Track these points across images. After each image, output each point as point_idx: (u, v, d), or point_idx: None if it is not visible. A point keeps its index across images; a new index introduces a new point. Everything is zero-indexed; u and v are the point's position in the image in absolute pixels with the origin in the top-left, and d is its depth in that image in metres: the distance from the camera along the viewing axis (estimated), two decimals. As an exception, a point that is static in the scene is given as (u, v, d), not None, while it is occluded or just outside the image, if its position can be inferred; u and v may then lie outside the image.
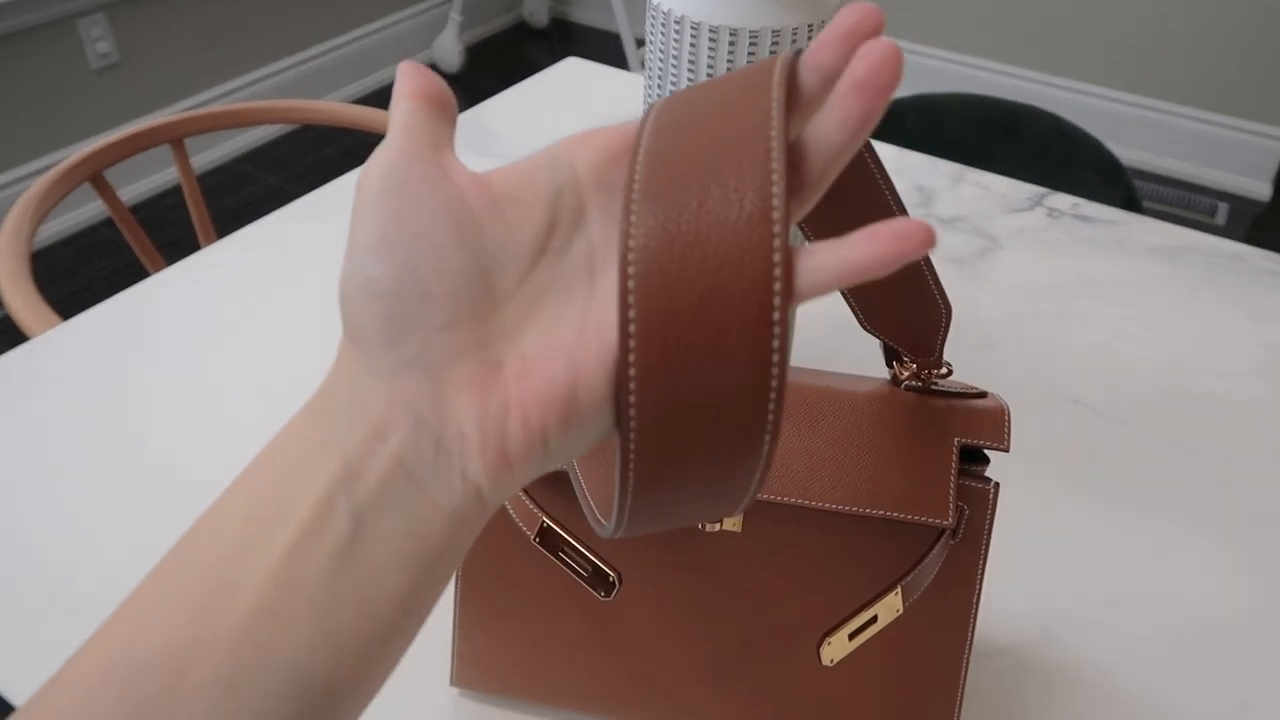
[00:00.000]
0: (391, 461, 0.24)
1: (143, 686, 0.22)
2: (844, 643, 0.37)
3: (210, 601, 0.23)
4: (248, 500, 0.24)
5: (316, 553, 0.23)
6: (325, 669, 0.23)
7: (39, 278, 2.10)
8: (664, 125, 0.25)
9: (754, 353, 0.22)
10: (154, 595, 0.23)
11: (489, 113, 1.07)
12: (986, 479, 0.41)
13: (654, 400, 0.23)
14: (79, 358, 0.74)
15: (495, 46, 3.15)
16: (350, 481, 0.23)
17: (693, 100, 0.25)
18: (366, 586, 0.23)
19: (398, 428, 0.24)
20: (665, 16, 0.58)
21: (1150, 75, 2.50)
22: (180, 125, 1.10)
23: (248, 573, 0.23)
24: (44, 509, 0.62)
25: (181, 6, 2.38)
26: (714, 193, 0.23)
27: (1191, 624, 0.58)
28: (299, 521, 0.23)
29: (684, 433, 0.23)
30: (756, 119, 0.24)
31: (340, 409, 0.24)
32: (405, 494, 0.24)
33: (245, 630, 0.22)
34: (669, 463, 0.24)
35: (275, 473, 0.24)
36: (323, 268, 0.84)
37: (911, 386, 0.42)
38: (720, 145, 0.24)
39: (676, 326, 0.22)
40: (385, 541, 0.23)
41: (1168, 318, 0.82)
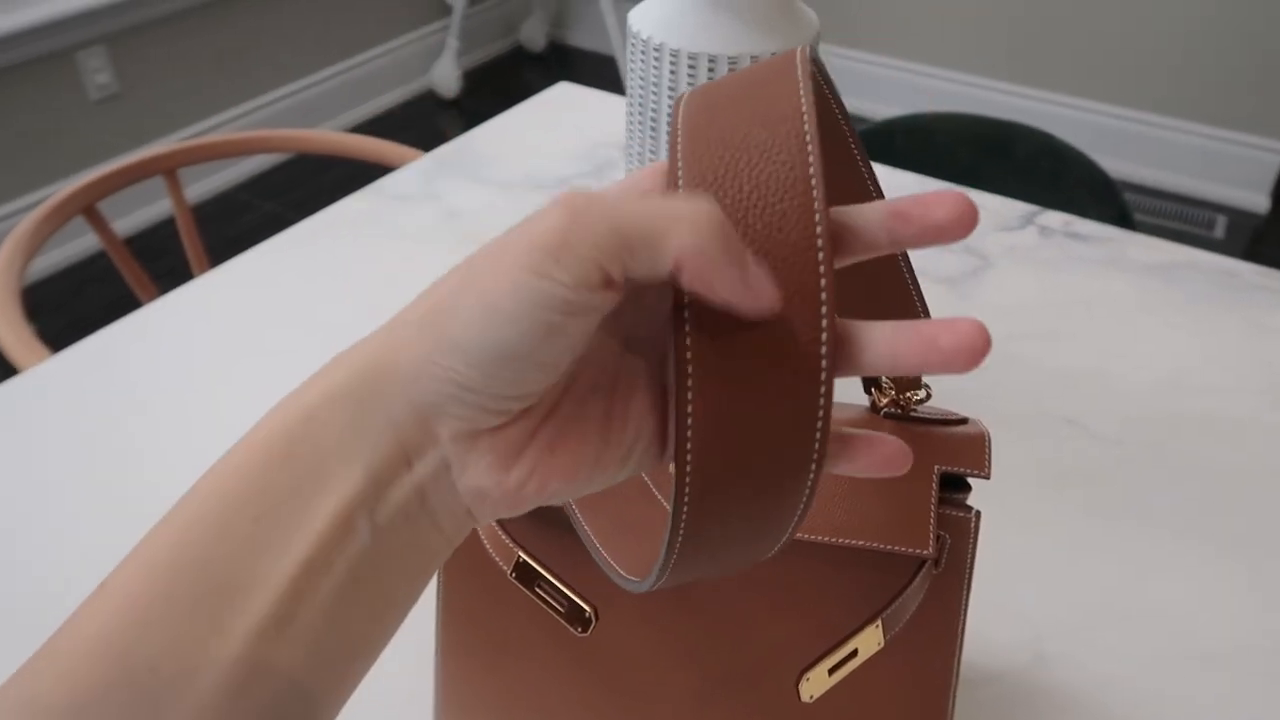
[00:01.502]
0: (413, 489, 0.24)
1: (154, 686, 0.22)
2: (823, 678, 0.36)
3: (221, 603, 0.22)
4: (255, 496, 0.23)
5: (335, 566, 0.23)
6: (317, 684, 0.23)
7: (37, 310, 2.11)
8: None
9: (801, 418, 0.23)
10: (156, 588, 0.23)
11: (480, 138, 1.07)
12: (968, 507, 0.40)
13: (709, 469, 0.23)
14: (66, 392, 0.74)
15: (493, 71, 3.17)
16: (374, 499, 0.23)
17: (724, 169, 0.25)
18: (377, 599, 0.24)
19: (424, 461, 0.24)
20: (645, 44, 0.58)
21: (1146, 89, 2.51)
22: (172, 157, 1.10)
23: (260, 578, 0.23)
24: (32, 545, 0.62)
25: (181, 35, 2.40)
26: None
27: (1189, 648, 0.57)
28: (318, 533, 0.23)
29: (734, 491, 0.24)
30: (798, 191, 0.24)
31: (367, 420, 0.24)
32: (419, 518, 0.24)
33: (257, 637, 0.22)
34: (718, 517, 0.24)
35: (288, 473, 0.23)
36: (314, 298, 0.84)
37: (890, 413, 0.41)
38: (765, 218, 0.24)
39: (733, 404, 0.23)
40: (396, 559, 0.24)
41: (1162, 336, 0.81)
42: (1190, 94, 2.46)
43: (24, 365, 0.82)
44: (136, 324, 0.81)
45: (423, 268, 0.88)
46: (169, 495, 0.70)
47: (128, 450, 0.69)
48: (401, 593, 0.25)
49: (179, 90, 2.44)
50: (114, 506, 0.65)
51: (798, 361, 0.23)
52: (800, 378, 0.23)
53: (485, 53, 3.21)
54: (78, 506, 0.65)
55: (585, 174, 1.01)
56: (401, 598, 0.25)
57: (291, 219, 2.43)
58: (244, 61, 2.56)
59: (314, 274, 0.87)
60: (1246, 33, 2.34)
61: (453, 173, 1.01)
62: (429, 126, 2.87)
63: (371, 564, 0.24)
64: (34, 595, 0.59)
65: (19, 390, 0.74)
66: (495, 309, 0.22)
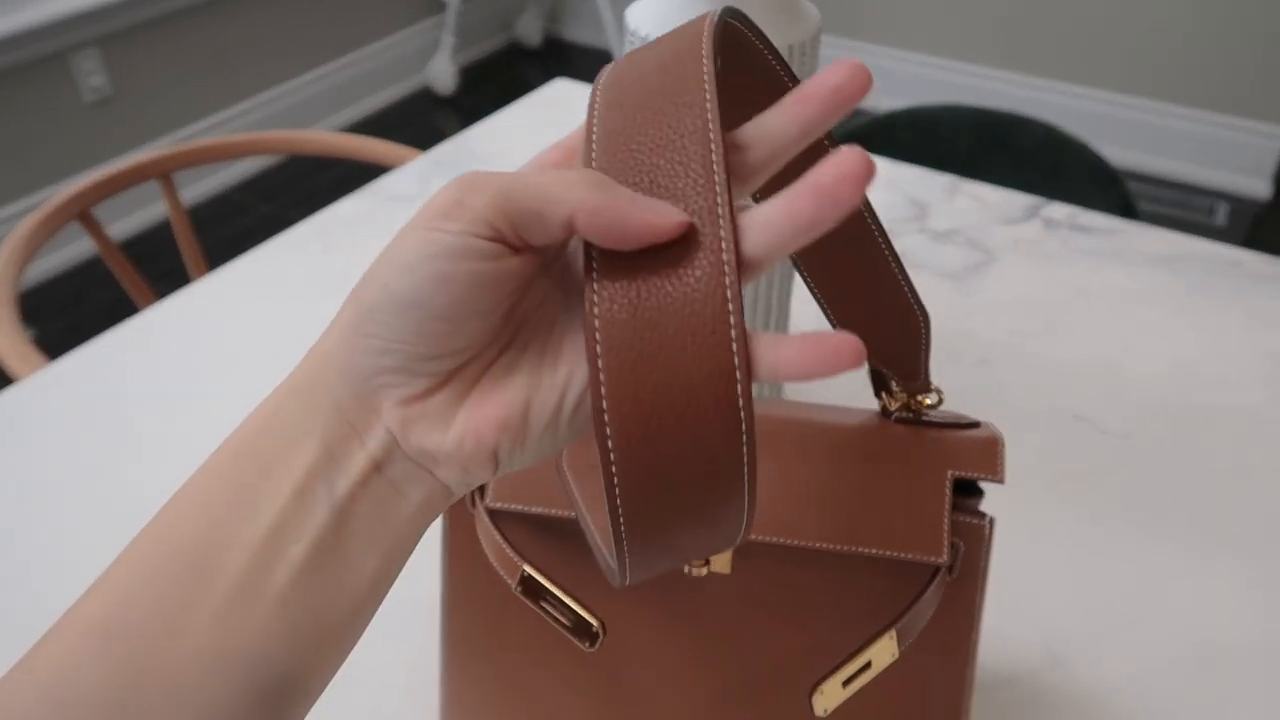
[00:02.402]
0: (367, 460, 0.26)
1: (131, 648, 0.24)
2: (838, 690, 0.36)
3: (197, 571, 0.24)
4: (227, 484, 0.26)
5: (300, 531, 0.25)
6: (292, 658, 0.25)
7: (35, 315, 2.10)
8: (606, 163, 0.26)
9: (723, 424, 0.24)
10: (138, 566, 0.25)
11: (477, 137, 1.06)
12: (981, 513, 0.39)
13: (632, 470, 0.24)
14: (63, 402, 0.73)
15: (489, 67, 3.15)
16: (330, 469, 0.26)
17: (628, 129, 0.26)
18: (343, 568, 0.25)
19: (373, 435, 0.26)
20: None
21: (1146, 76, 2.49)
22: (167, 161, 1.09)
23: (230, 548, 0.24)
24: (31, 555, 0.61)
25: (174, 36, 2.38)
26: (669, 257, 0.24)
27: (1205, 646, 0.56)
28: (280, 503, 0.25)
29: (666, 492, 0.24)
30: (696, 158, 0.25)
31: (316, 405, 0.26)
32: (380, 489, 0.26)
33: (230, 603, 0.24)
34: (654, 519, 0.25)
35: (253, 459, 0.26)
36: (312, 301, 0.83)
37: (902, 418, 0.41)
38: (667, 187, 0.25)
39: (646, 404, 0.24)
40: (361, 527, 0.26)
41: (1168, 327, 0.80)
42: (1190, 80, 2.45)
43: (20, 374, 0.81)
44: (133, 331, 0.80)
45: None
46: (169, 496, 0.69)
47: (126, 459, 0.68)
48: (370, 564, 0.26)
49: (173, 92, 2.42)
50: (112, 516, 0.64)
51: (703, 298, 0.24)
52: (708, 308, 0.24)
53: (481, 49, 3.20)
54: (76, 517, 0.64)
55: (584, 172, 1.00)
56: (371, 570, 0.26)
57: (289, 219, 2.42)
58: (238, 62, 2.55)
59: (312, 277, 0.86)
60: (1246, 18, 2.32)
61: (450, 172, 1.00)
62: (425, 124, 2.86)
63: (334, 532, 0.25)
64: (32, 610, 0.58)
65: (15, 400, 0.73)
66: (393, 263, 0.25)
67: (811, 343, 0.24)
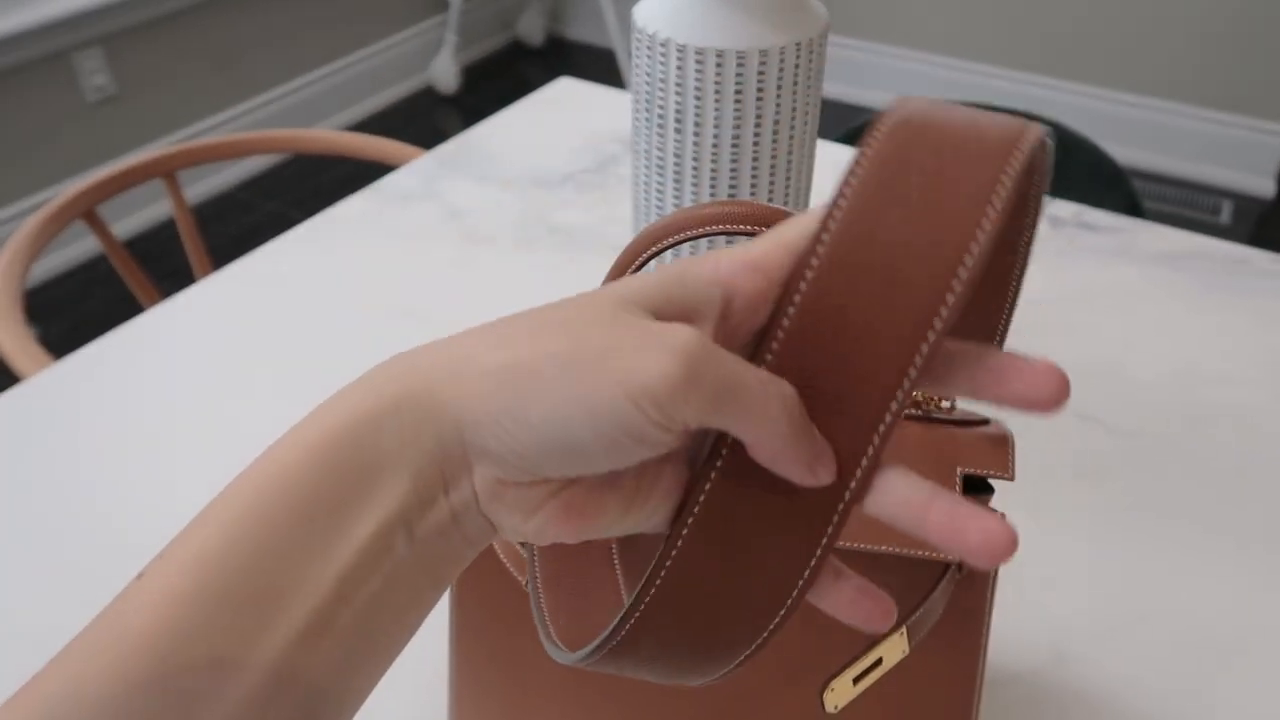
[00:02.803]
0: (448, 512, 0.25)
1: (194, 686, 0.22)
2: (848, 688, 0.36)
3: (266, 606, 0.23)
4: (305, 499, 0.23)
5: (374, 573, 0.24)
6: (341, 683, 0.24)
7: (41, 314, 2.10)
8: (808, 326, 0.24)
9: (757, 622, 0.25)
10: (203, 587, 0.23)
11: (481, 136, 1.06)
12: (992, 510, 0.39)
13: (660, 614, 0.25)
14: (69, 401, 0.73)
15: (491, 66, 3.15)
16: (415, 515, 0.24)
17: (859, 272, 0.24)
18: (406, 604, 0.25)
19: (458, 489, 0.25)
20: (650, 39, 0.57)
21: (1150, 74, 2.49)
22: (171, 159, 1.09)
23: (304, 584, 0.23)
24: (35, 554, 0.61)
25: (178, 35, 2.38)
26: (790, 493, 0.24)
27: (1212, 643, 0.56)
28: (361, 541, 0.24)
29: (685, 624, 0.25)
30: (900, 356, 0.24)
31: (420, 438, 0.24)
32: (453, 533, 0.25)
33: (300, 638, 0.23)
34: (661, 637, 0.25)
35: (337, 479, 0.24)
36: (317, 300, 0.83)
37: (911, 415, 0.40)
38: (835, 398, 0.24)
39: (719, 555, 0.25)
40: (428, 567, 0.25)
41: (1175, 326, 0.80)
42: (1195, 78, 2.44)
43: (26, 373, 0.81)
44: (138, 330, 0.80)
45: (426, 267, 0.87)
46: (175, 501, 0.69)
47: (131, 458, 0.68)
48: (428, 596, 0.26)
49: (177, 91, 2.43)
50: (118, 515, 0.64)
51: (802, 532, 0.24)
52: (798, 542, 0.24)
53: (483, 48, 3.20)
54: (80, 516, 0.64)
55: (588, 170, 1.00)
56: (427, 600, 0.26)
57: (294, 218, 2.42)
58: (242, 61, 2.55)
59: (317, 275, 0.86)
60: (1252, 16, 2.32)
61: (454, 171, 1.00)
62: (428, 123, 2.86)
63: (405, 573, 0.25)
64: (35, 609, 0.58)
65: (21, 398, 0.73)
66: (583, 409, 0.23)
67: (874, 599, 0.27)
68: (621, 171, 1.00)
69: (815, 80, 0.59)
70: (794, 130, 0.59)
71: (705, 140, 0.58)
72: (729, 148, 0.58)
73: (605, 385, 0.23)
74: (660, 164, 0.61)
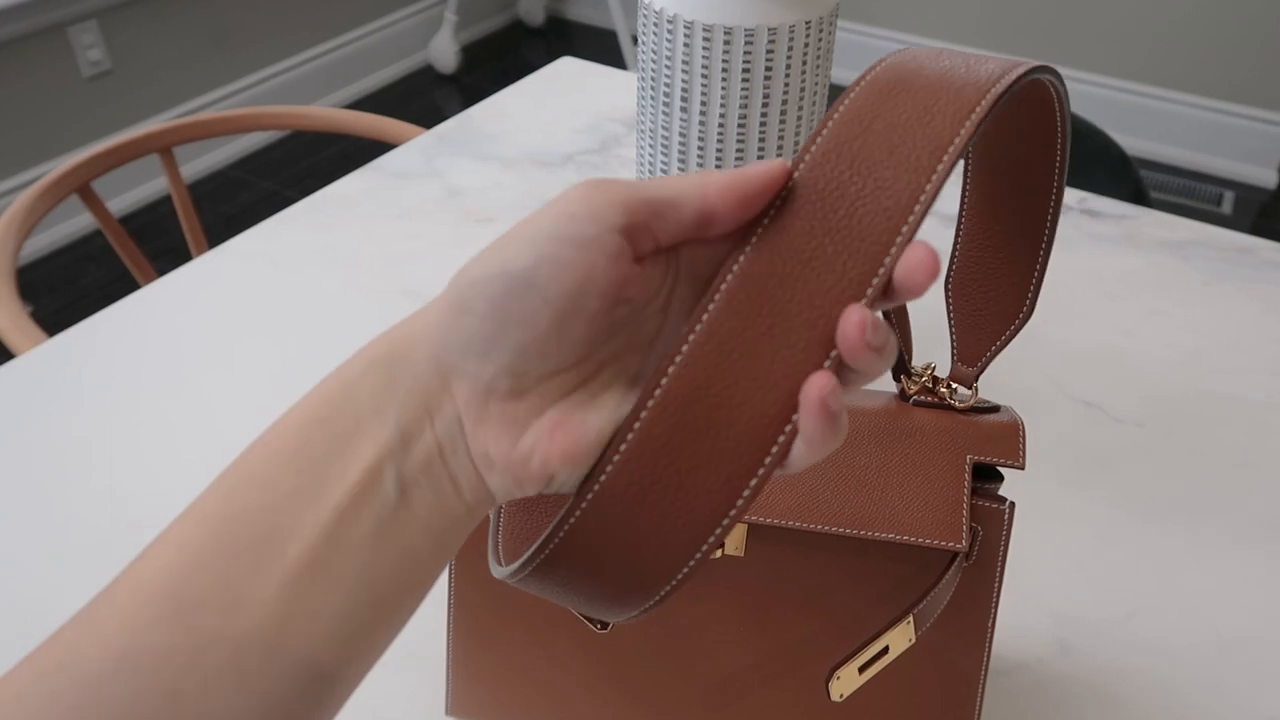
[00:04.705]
0: (434, 444, 0.26)
1: (202, 623, 0.23)
2: (854, 676, 0.35)
3: (262, 548, 0.24)
4: (297, 454, 0.25)
5: (365, 514, 0.25)
6: (342, 646, 0.25)
7: (35, 289, 2.09)
8: (758, 265, 0.25)
9: (669, 565, 0.25)
10: (204, 532, 0.25)
11: (481, 115, 1.05)
12: (1001, 498, 0.39)
13: (606, 503, 0.25)
14: (63, 377, 0.72)
15: (491, 46, 3.13)
16: (400, 452, 0.25)
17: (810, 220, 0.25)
18: (403, 552, 0.25)
19: (443, 417, 0.26)
20: (657, 16, 0.56)
21: (1153, 63, 2.48)
22: (167, 135, 1.08)
23: (298, 525, 0.24)
24: (33, 531, 0.61)
25: (174, 10, 2.36)
26: (739, 399, 0.24)
27: (1215, 634, 0.56)
28: (351, 483, 0.25)
29: (606, 546, 0.25)
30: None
31: (396, 380, 0.26)
32: (440, 476, 0.26)
33: (294, 581, 0.24)
34: (585, 556, 0.26)
35: (326, 432, 0.26)
36: (315, 278, 0.82)
37: (921, 401, 0.40)
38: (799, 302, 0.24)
39: (659, 469, 0.24)
40: (421, 513, 0.26)
41: (1180, 315, 0.80)
42: (1197, 68, 2.43)
43: (20, 349, 0.80)
44: (133, 307, 0.79)
45: (425, 246, 0.86)
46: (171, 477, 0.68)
47: (125, 435, 0.67)
48: (425, 552, 0.26)
49: (173, 66, 2.40)
50: (112, 492, 0.63)
51: (736, 463, 0.24)
52: (731, 471, 0.24)
53: (483, 27, 3.17)
54: (75, 492, 0.63)
55: (590, 150, 0.99)
56: (425, 558, 0.26)
57: (290, 197, 2.40)
58: (240, 37, 2.52)
59: (315, 253, 0.85)
60: (1254, 5, 2.30)
61: (454, 150, 0.99)
62: (427, 102, 2.84)
63: (397, 518, 0.25)
64: (31, 586, 0.58)
65: (14, 374, 0.72)
66: (515, 238, 0.25)
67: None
68: (623, 153, 0.99)
69: (825, 60, 0.58)
70: (802, 111, 0.58)
71: (712, 120, 0.57)
72: (735, 127, 0.57)
73: (538, 216, 0.25)
74: (665, 144, 0.60)
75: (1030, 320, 0.77)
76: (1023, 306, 0.38)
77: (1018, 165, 0.35)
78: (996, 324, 0.39)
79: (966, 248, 0.38)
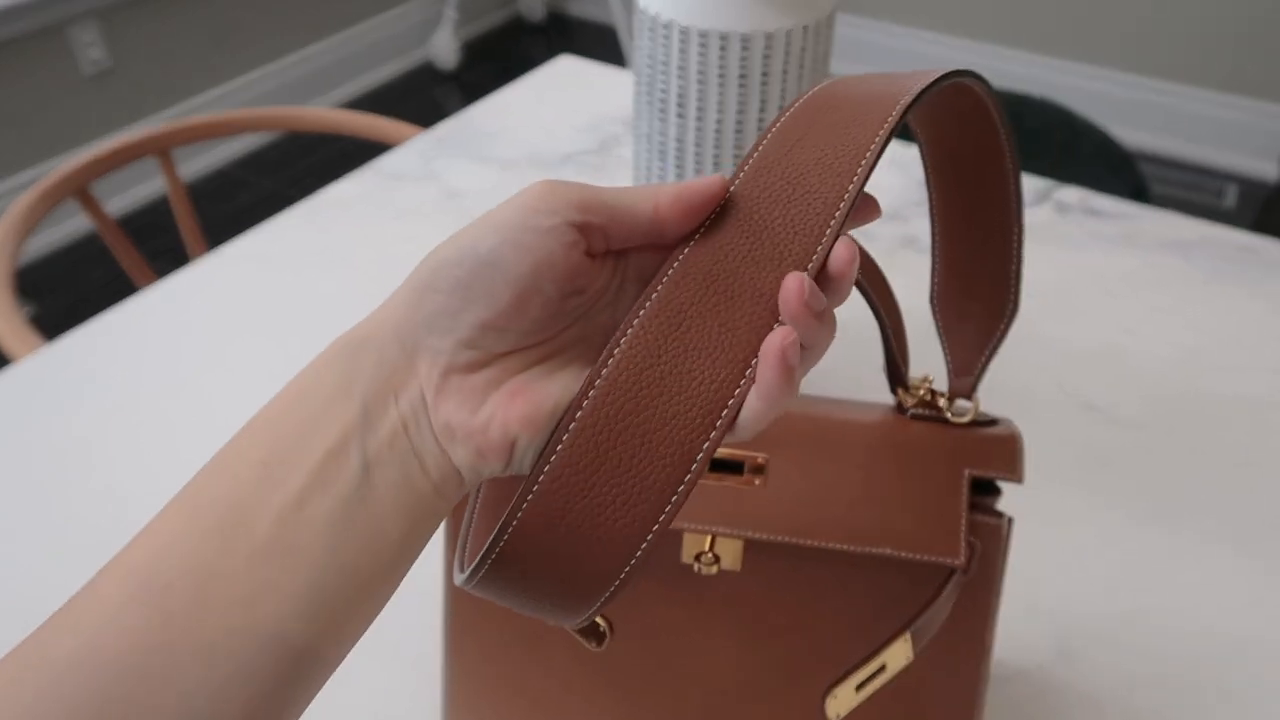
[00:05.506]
0: (398, 420, 0.27)
1: (169, 604, 0.24)
2: (851, 695, 0.35)
3: (229, 530, 0.25)
4: (265, 442, 0.26)
5: (330, 493, 0.25)
6: (315, 624, 0.25)
7: (33, 293, 2.09)
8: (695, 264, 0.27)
9: (631, 534, 0.25)
10: (176, 521, 0.26)
11: (480, 114, 1.04)
12: (999, 513, 0.39)
13: (545, 506, 0.26)
14: (62, 381, 0.72)
15: (492, 43, 3.12)
16: (364, 428, 0.26)
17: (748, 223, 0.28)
18: (370, 530, 0.26)
19: (406, 393, 0.27)
20: (653, 20, 0.56)
21: (1155, 57, 2.46)
22: (165, 137, 1.08)
23: (264, 508, 0.25)
24: (33, 534, 0.60)
25: (174, 9, 2.35)
26: (690, 365, 0.26)
27: (1217, 638, 0.55)
28: (314, 462, 0.26)
29: (571, 517, 0.26)
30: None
31: (360, 363, 0.27)
32: (405, 452, 0.27)
33: (262, 559, 0.25)
34: (545, 534, 0.26)
35: (291, 419, 0.27)
36: (313, 280, 0.82)
37: (918, 414, 0.39)
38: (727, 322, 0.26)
39: (601, 462, 0.25)
40: (388, 490, 0.26)
41: (1181, 314, 0.79)
42: (1200, 61, 2.42)
43: (18, 355, 0.80)
44: (132, 309, 0.79)
45: (423, 248, 0.85)
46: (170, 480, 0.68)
47: (125, 439, 0.67)
48: (396, 533, 0.27)
49: (173, 65, 2.40)
50: (111, 495, 0.63)
51: (672, 459, 0.26)
52: (669, 469, 0.26)
53: (483, 24, 3.16)
54: (75, 497, 0.63)
55: (589, 150, 0.98)
56: (396, 539, 0.27)
57: (290, 196, 2.40)
58: (239, 35, 2.52)
59: (313, 255, 0.85)
60: (1259, -3, 2.29)
61: (452, 151, 0.99)
62: (427, 100, 2.83)
63: (362, 496, 0.26)
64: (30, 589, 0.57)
65: (13, 381, 0.72)
66: (481, 225, 0.27)
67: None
68: (623, 153, 0.98)
69: (822, 64, 0.58)
70: (799, 115, 0.58)
71: (708, 126, 0.57)
72: (732, 134, 0.57)
73: (501, 209, 0.27)
74: (661, 149, 0.59)
75: (1029, 320, 0.77)
76: (1007, 302, 0.37)
77: (968, 166, 0.35)
78: (985, 327, 0.39)
79: (942, 260, 0.38)
